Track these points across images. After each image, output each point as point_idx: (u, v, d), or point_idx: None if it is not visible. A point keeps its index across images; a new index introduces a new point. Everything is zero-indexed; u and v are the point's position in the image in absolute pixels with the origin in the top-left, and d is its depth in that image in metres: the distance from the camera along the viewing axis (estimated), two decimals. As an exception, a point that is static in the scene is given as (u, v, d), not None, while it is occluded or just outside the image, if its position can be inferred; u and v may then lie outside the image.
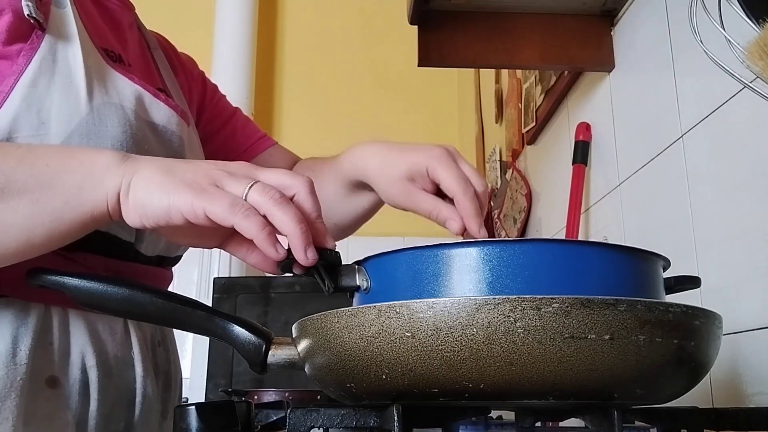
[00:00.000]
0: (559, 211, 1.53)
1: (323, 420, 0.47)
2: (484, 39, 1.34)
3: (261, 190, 0.53)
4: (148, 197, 0.53)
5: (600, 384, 0.44)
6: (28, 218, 0.55)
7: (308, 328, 0.51)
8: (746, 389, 0.88)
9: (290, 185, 0.55)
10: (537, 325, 0.42)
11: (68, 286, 0.55)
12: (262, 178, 0.55)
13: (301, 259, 0.53)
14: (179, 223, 0.53)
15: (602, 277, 0.49)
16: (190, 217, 0.52)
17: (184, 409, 0.48)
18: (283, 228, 0.52)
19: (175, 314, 0.55)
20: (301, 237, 0.52)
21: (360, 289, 0.54)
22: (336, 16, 3.16)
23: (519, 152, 1.99)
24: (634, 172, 1.25)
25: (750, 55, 0.63)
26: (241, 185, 0.53)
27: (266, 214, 0.52)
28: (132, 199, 0.54)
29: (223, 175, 0.54)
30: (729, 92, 0.93)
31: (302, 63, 3.12)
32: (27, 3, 0.65)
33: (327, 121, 3.01)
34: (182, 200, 0.52)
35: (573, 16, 1.35)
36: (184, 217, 0.53)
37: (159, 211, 0.53)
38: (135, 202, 0.54)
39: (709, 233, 0.99)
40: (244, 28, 2.90)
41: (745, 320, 0.88)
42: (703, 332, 0.47)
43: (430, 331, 0.43)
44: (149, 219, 0.54)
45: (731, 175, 0.94)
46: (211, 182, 0.53)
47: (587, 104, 1.49)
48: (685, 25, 0.77)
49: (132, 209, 0.54)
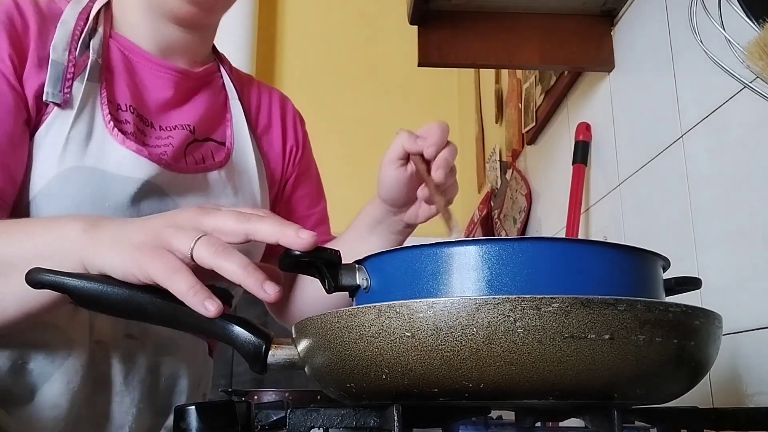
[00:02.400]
0: (559, 211, 1.53)
1: (323, 420, 0.47)
2: (484, 39, 1.34)
3: (206, 244, 0.54)
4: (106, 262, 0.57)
5: (600, 384, 0.44)
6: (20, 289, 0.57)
7: (308, 328, 0.51)
8: (746, 389, 0.88)
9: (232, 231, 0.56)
10: (537, 325, 0.42)
11: (68, 286, 0.55)
12: (206, 226, 0.56)
13: (263, 296, 0.54)
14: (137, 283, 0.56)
15: (602, 276, 0.49)
16: (142, 278, 0.55)
17: (184, 409, 0.48)
18: (232, 277, 0.54)
19: (175, 314, 0.55)
20: (250, 279, 0.53)
21: (360, 288, 0.54)
22: (336, 16, 3.16)
23: (519, 152, 1.99)
24: (634, 172, 1.25)
25: (750, 55, 0.63)
26: (187, 240, 0.55)
27: (213, 268, 0.54)
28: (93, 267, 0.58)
29: (170, 232, 0.56)
30: (729, 92, 0.93)
31: (302, 63, 3.12)
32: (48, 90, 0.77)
33: (327, 121, 3.01)
34: (133, 268, 0.55)
35: (573, 16, 1.35)
36: (138, 278, 0.55)
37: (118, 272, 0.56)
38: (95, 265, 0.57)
39: (709, 233, 0.99)
40: (244, 28, 2.90)
41: (745, 320, 0.88)
42: (703, 332, 0.47)
43: (430, 331, 0.43)
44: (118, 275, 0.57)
45: (731, 175, 0.94)
46: (159, 243, 0.56)
47: (587, 104, 1.49)
48: (685, 25, 0.77)
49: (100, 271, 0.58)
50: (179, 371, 0.85)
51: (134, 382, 0.80)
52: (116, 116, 0.81)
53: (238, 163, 0.90)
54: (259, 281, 0.53)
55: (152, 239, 0.56)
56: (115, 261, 0.56)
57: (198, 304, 0.52)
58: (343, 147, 2.94)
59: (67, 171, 0.77)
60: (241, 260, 0.54)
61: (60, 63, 0.79)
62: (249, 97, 0.98)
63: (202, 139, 0.88)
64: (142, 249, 0.55)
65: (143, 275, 0.54)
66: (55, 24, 0.81)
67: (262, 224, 0.55)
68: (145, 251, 0.55)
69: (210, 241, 0.54)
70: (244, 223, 0.56)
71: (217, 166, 0.87)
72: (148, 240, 0.56)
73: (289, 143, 0.99)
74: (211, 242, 0.54)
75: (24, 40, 0.78)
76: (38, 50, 0.78)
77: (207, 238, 0.55)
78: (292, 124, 1.01)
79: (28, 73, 0.77)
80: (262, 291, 0.53)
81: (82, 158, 0.77)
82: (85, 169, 0.77)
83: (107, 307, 0.56)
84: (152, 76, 0.87)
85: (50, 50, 0.79)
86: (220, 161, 0.88)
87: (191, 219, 0.57)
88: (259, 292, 0.53)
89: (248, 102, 0.97)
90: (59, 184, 0.76)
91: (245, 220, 0.56)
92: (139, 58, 0.86)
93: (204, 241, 0.54)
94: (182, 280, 0.53)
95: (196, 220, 0.57)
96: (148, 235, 0.56)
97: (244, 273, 0.53)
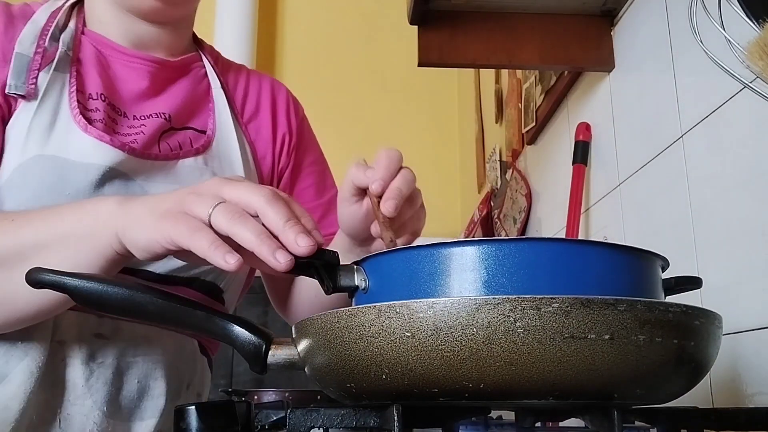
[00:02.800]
0: (559, 211, 1.53)
1: (323, 420, 0.47)
2: (484, 39, 1.34)
3: (223, 211, 0.56)
4: (135, 234, 0.60)
5: (600, 384, 0.44)
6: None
7: (308, 328, 0.51)
8: (746, 389, 0.88)
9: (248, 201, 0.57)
10: (537, 325, 0.42)
11: (68, 286, 0.55)
12: (227, 195, 0.57)
13: (273, 265, 0.54)
14: (161, 252, 0.58)
15: (601, 276, 0.49)
16: (166, 244, 0.57)
17: (184, 409, 0.48)
18: (245, 243, 0.54)
19: (175, 314, 0.55)
20: (263, 246, 0.54)
21: (358, 289, 0.54)
22: (336, 16, 3.16)
23: (519, 152, 1.99)
24: (634, 172, 1.25)
25: (750, 55, 0.63)
26: (206, 206, 0.57)
27: (229, 235, 0.55)
28: (126, 239, 0.61)
29: (192, 198, 0.58)
30: (729, 92, 0.93)
31: (302, 63, 3.12)
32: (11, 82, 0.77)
33: (327, 121, 3.00)
34: (157, 234, 0.57)
35: (573, 16, 1.35)
36: (162, 246, 0.57)
37: (144, 245, 0.59)
38: (127, 242, 0.61)
39: (709, 233, 0.99)
40: (244, 28, 2.90)
41: (745, 320, 0.88)
42: (703, 332, 0.47)
43: (430, 331, 0.43)
44: (142, 252, 0.60)
45: (731, 175, 0.94)
46: (180, 208, 0.58)
47: (587, 104, 1.49)
48: (685, 25, 0.77)
49: (129, 246, 0.61)
50: (154, 373, 0.82)
51: (98, 384, 0.78)
52: (85, 104, 0.81)
53: (220, 150, 0.89)
54: (272, 249, 0.53)
55: (174, 205, 0.58)
56: (140, 234, 0.59)
57: (219, 257, 0.54)
58: (343, 147, 2.93)
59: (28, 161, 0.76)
60: (255, 227, 0.54)
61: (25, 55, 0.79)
62: (235, 85, 0.97)
63: (179, 128, 0.88)
64: (165, 215, 0.57)
65: (166, 240, 0.56)
66: (25, 23, 0.82)
67: (270, 209, 0.56)
68: (167, 216, 0.57)
69: (228, 207, 0.56)
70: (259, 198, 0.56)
71: (194, 153, 0.86)
72: (171, 206, 0.58)
73: (281, 130, 0.97)
74: (229, 209, 0.56)
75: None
76: (3, 47, 0.79)
77: (225, 205, 0.56)
78: (285, 112, 0.99)
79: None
80: (273, 259, 0.53)
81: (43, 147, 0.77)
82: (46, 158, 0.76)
83: (107, 307, 0.56)
84: (126, 68, 0.86)
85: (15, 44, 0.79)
86: (197, 148, 0.87)
87: (213, 187, 0.59)
88: (272, 259, 0.53)
89: (233, 90, 0.96)
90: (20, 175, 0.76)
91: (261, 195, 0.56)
92: (111, 51, 0.86)
93: (222, 207, 0.56)
94: (203, 237, 0.55)
95: (217, 188, 0.58)
96: (171, 202, 0.59)
97: (257, 240, 0.54)
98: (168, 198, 0.60)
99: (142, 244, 0.59)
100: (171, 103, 0.88)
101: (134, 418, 0.81)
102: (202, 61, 0.95)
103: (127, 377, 0.80)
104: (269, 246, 0.54)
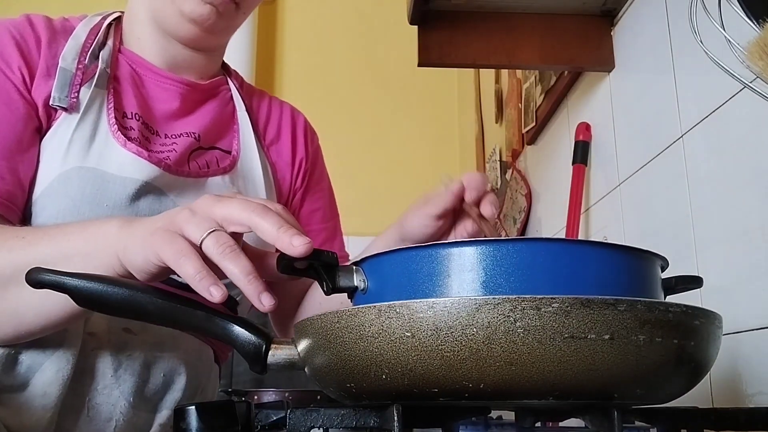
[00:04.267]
0: (559, 211, 1.53)
1: (323, 420, 0.47)
2: (484, 39, 1.34)
3: (214, 241, 0.56)
4: (131, 255, 0.60)
5: (600, 384, 0.44)
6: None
7: (308, 329, 0.51)
8: (746, 389, 0.88)
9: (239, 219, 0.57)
10: (537, 325, 0.42)
11: (68, 286, 0.55)
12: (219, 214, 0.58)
13: (257, 305, 0.55)
14: (156, 271, 0.58)
15: (600, 276, 0.49)
16: (157, 262, 0.57)
17: (184, 409, 0.48)
18: (233, 279, 0.55)
19: (175, 314, 0.55)
20: (249, 286, 0.55)
21: (358, 290, 0.54)
22: (336, 16, 3.16)
23: (519, 152, 1.99)
24: (634, 172, 1.25)
25: (750, 55, 0.63)
26: (198, 231, 0.57)
27: (217, 264, 0.55)
28: (126, 259, 0.61)
29: (185, 218, 0.58)
30: (729, 92, 0.93)
31: (302, 63, 3.12)
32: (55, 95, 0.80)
33: (327, 121, 3.00)
34: (149, 252, 0.58)
35: (573, 16, 1.35)
36: (154, 264, 0.58)
37: (140, 265, 0.59)
38: (126, 262, 0.61)
39: (709, 233, 0.99)
40: (244, 28, 2.89)
41: (745, 320, 0.88)
42: (703, 332, 0.47)
43: (430, 331, 0.43)
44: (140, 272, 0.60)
45: (731, 175, 0.94)
46: (175, 227, 0.58)
47: (587, 104, 1.49)
48: (685, 25, 0.77)
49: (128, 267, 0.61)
50: (178, 369, 0.85)
51: (125, 374, 0.81)
52: (122, 123, 0.85)
53: (244, 170, 0.93)
54: (257, 290, 0.54)
55: (167, 224, 0.59)
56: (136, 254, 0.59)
57: (203, 289, 0.54)
58: (343, 147, 2.94)
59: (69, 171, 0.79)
60: (245, 266, 0.55)
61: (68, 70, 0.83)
62: (258, 109, 1.01)
63: (207, 147, 0.92)
64: (156, 233, 0.58)
65: (156, 258, 0.57)
66: (67, 38, 0.85)
67: (263, 221, 0.56)
68: (158, 234, 0.57)
69: (220, 239, 0.56)
70: (250, 214, 0.57)
71: (221, 172, 0.90)
72: (163, 224, 0.59)
73: (299, 155, 1.02)
74: (221, 240, 0.56)
75: (34, 53, 0.83)
76: (47, 61, 0.83)
77: (217, 235, 0.56)
78: (303, 137, 1.04)
79: (38, 83, 0.82)
80: (258, 300, 0.55)
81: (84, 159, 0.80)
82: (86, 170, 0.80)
83: (107, 307, 0.56)
84: (159, 89, 0.90)
85: (59, 59, 0.83)
86: (224, 167, 0.91)
87: (206, 205, 0.59)
88: (256, 300, 0.55)
89: (257, 114, 1.00)
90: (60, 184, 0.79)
91: (251, 211, 0.57)
92: (146, 71, 0.90)
93: (214, 236, 0.56)
94: (190, 264, 0.55)
95: (209, 207, 0.59)
96: (164, 221, 0.59)
97: (245, 279, 0.54)
98: (162, 216, 0.61)
99: (139, 264, 0.59)
100: (200, 123, 0.92)
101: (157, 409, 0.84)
102: (228, 84, 0.99)
103: (154, 370, 0.83)
104: (255, 287, 0.54)
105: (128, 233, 0.62)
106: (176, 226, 0.58)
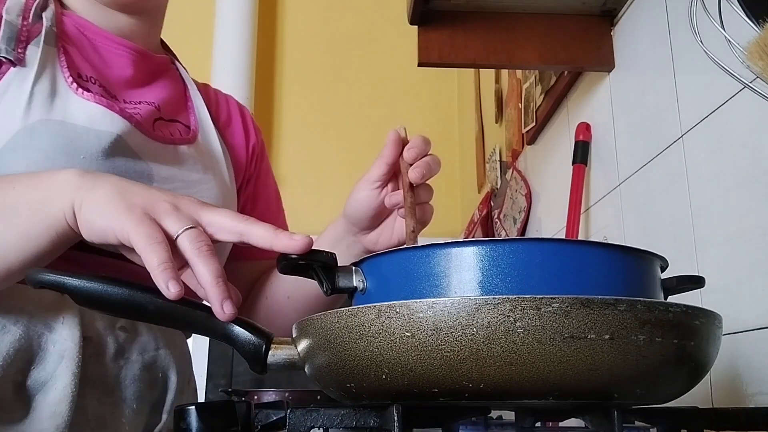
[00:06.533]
0: (559, 211, 1.53)
1: (323, 420, 0.47)
2: (484, 39, 1.34)
3: (192, 237, 0.55)
4: (93, 215, 0.58)
5: (600, 384, 0.44)
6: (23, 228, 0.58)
7: (308, 328, 0.51)
8: (746, 389, 0.88)
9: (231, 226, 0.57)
10: (537, 325, 0.42)
11: (68, 286, 0.55)
12: (205, 217, 0.57)
13: (217, 312, 0.54)
14: (115, 243, 0.57)
15: (600, 276, 0.49)
16: (121, 238, 0.56)
17: (184, 409, 0.48)
18: (201, 280, 0.54)
19: (175, 314, 0.55)
20: (215, 290, 0.54)
21: (357, 290, 0.54)
22: (336, 16, 3.16)
23: (519, 152, 1.99)
24: (634, 172, 1.25)
25: (750, 55, 0.63)
26: (177, 225, 0.56)
27: (189, 262, 0.55)
28: (82, 214, 0.58)
29: (166, 208, 0.57)
30: (729, 92, 0.93)
31: (302, 63, 3.12)
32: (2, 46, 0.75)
33: (327, 121, 3.01)
34: (117, 224, 0.56)
35: (573, 16, 1.35)
36: (116, 238, 0.56)
37: (99, 230, 0.57)
38: (82, 218, 0.58)
39: (709, 233, 0.99)
40: (244, 28, 2.90)
41: (745, 320, 0.88)
42: (703, 332, 0.47)
43: (430, 331, 0.43)
44: (93, 235, 0.58)
45: (731, 175, 0.94)
46: (154, 213, 0.57)
47: (587, 104, 1.49)
48: (685, 25, 0.77)
49: (81, 224, 0.58)
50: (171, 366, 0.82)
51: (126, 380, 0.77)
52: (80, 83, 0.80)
53: (205, 145, 0.91)
54: (222, 296, 0.54)
55: (147, 206, 0.57)
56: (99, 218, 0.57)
57: (162, 281, 0.53)
58: (343, 147, 2.94)
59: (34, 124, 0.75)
60: (215, 269, 0.54)
61: (14, 24, 0.78)
62: (206, 94, 0.99)
63: (168, 119, 0.88)
64: (133, 210, 0.56)
65: (122, 234, 0.55)
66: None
67: (256, 228, 0.56)
68: (135, 213, 0.56)
69: (198, 236, 0.55)
70: (241, 222, 0.57)
71: (186, 142, 0.87)
72: (143, 205, 0.57)
73: (251, 141, 1.01)
74: (199, 238, 0.55)
75: None
76: None
77: (196, 231, 0.56)
78: (252, 126, 1.03)
79: None
80: (219, 306, 0.54)
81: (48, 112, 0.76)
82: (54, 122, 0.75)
83: (107, 307, 0.56)
84: (111, 54, 0.86)
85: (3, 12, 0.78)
86: (188, 139, 0.88)
87: (192, 206, 0.58)
88: (217, 305, 0.54)
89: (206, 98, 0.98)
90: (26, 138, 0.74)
91: (242, 220, 0.57)
92: (95, 35, 0.86)
93: (192, 233, 0.55)
94: (156, 253, 0.54)
95: (195, 208, 0.58)
96: (145, 201, 0.57)
97: (212, 282, 0.54)
98: (142, 193, 0.59)
99: (98, 228, 0.57)
100: (158, 95, 0.89)
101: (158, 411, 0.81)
102: (176, 65, 0.97)
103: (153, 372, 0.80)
104: (220, 293, 0.54)
105: (91, 186, 0.59)
106: (156, 213, 0.56)
